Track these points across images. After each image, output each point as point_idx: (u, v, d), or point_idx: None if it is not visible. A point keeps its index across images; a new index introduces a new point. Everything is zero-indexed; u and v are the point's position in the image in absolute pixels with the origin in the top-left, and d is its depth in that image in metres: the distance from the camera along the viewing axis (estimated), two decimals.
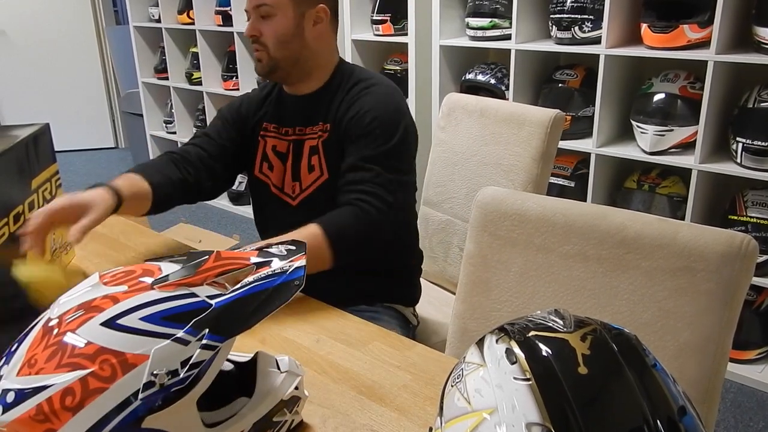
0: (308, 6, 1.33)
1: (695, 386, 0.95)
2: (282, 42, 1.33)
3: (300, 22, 1.33)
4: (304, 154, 1.39)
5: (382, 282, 1.48)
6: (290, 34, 1.33)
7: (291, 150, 1.41)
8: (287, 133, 1.43)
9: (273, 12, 1.32)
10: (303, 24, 1.34)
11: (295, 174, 1.41)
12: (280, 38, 1.33)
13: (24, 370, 0.66)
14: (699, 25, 2.10)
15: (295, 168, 1.41)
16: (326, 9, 1.36)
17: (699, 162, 2.16)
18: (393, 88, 1.41)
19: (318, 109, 1.39)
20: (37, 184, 1.23)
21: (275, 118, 1.45)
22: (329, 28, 1.39)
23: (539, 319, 0.60)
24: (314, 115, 1.39)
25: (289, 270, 0.75)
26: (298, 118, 1.41)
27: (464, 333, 1.19)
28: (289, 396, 0.83)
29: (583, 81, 2.46)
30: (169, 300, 0.69)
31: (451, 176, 1.74)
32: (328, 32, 1.39)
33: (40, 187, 1.24)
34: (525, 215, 1.10)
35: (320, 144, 1.37)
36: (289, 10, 1.32)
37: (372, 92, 1.35)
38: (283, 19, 1.32)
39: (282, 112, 1.45)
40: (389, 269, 1.49)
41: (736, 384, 2.24)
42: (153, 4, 4.13)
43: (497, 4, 2.52)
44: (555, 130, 1.55)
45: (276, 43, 1.34)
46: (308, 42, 1.35)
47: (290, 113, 1.43)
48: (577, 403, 0.51)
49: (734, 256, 0.92)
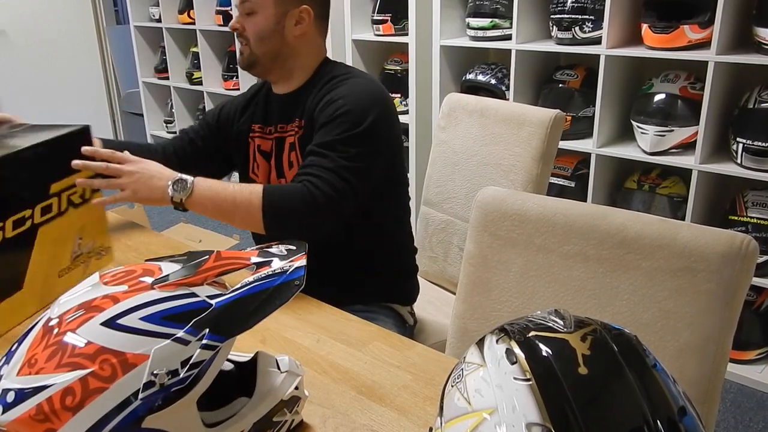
0: (291, 6, 1.36)
1: (695, 386, 0.95)
2: (261, 38, 1.37)
3: (281, 20, 1.36)
4: (285, 150, 1.42)
5: (378, 281, 1.48)
6: (270, 30, 1.37)
7: (274, 148, 1.45)
8: (270, 132, 1.46)
9: (255, 9, 1.36)
10: (284, 22, 1.37)
11: (279, 171, 1.44)
12: (260, 34, 1.37)
13: (24, 369, 0.66)
14: (699, 26, 2.10)
15: (278, 165, 1.44)
16: (309, 10, 1.38)
17: (699, 162, 2.16)
18: (371, 80, 1.41)
19: (296, 106, 1.41)
20: (58, 189, 1.21)
21: (261, 118, 1.49)
22: (313, 29, 1.41)
23: (539, 320, 0.60)
24: (292, 112, 1.42)
25: (289, 270, 0.75)
26: (279, 116, 1.45)
27: (464, 333, 1.19)
28: (289, 396, 0.83)
29: (583, 81, 2.46)
30: (169, 300, 0.70)
31: (452, 176, 1.74)
32: (311, 33, 1.41)
33: (63, 192, 1.22)
34: (525, 215, 1.10)
35: (297, 140, 1.40)
36: (271, 8, 1.36)
37: (346, 83, 1.36)
38: (263, 17, 1.36)
39: (267, 111, 1.48)
40: (384, 268, 1.49)
41: (736, 384, 2.24)
42: (153, 3, 4.13)
43: (498, 5, 2.52)
44: (555, 130, 1.55)
45: (256, 39, 1.38)
46: (288, 40, 1.38)
47: (273, 112, 1.47)
48: (578, 404, 0.51)
49: (734, 257, 0.92)
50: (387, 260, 1.50)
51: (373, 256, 1.47)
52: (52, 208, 1.19)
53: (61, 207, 1.22)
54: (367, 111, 1.32)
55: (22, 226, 1.13)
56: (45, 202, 1.18)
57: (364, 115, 1.31)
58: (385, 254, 1.48)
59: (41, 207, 1.17)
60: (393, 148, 1.42)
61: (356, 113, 1.30)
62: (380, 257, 1.48)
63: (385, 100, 1.38)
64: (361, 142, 1.30)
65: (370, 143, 1.32)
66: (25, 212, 1.14)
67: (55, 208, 1.20)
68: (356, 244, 1.42)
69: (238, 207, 1.25)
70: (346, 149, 1.28)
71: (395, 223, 1.50)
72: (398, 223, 1.51)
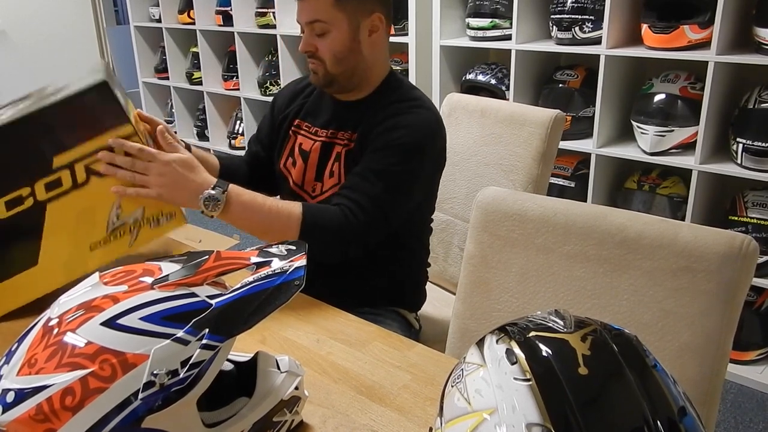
0: (363, 16, 1.28)
1: (695, 387, 0.95)
2: (339, 58, 1.29)
3: (356, 35, 1.28)
4: (331, 158, 1.37)
5: (388, 286, 1.47)
6: (347, 49, 1.29)
7: (319, 150, 1.39)
8: (317, 133, 1.40)
9: (328, 28, 1.27)
10: (359, 37, 1.29)
11: (318, 175, 1.39)
12: (338, 55, 1.29)
13: (24, 369, 0.66)
14: (699, 26, 2.10)
15: (319, 170, 1.39)
16: (381, 16, 1.30)
17: (699, 162, 2.16)
18: (435, 112, 1.35)
19: (354, 117, 1.35)
20: (68, 160, 1.09)
21: (310, 115, 1.43)
22: (384, 35, 1.34)
23: (539, 320, 0.60)
24: (348, 122, 1.36)
25: (289, 270, 0.75)
26: (333, 121, 1.39)
27: (464, 333, 1.19)
28: (289, 396, 0.83)
29: (583, 81, 2.46)
30: (169, 300, 0.69)
31: (452, 176, 1.74)
32: (383, 40, 1.34)
33: (78, 161, 1.10)
34: (525, 215, 1.10)
35: (344, 153, 1.35)
36: (344, 23, 1.26)
37: (414, 112, 1.31)
38: (338, 35, 1.27)
39: (318, 111, 1.42)
40: (396, 274, 1.48)
41: (736, 385, 2.24)
42: (153, 4, 4.12)
43: (498, 5, 2.52)
44: (555, 130, 1.55)
45: (333, 60, 1.29)
46: (365, 54, 1.31)
47: (325, 113, 1.41)
48: (578, 404, 0.51)
49: (735, 257, 0.92)
50: (402, 270, 1.48)
51: (388, 266, 1.44)
52: (62, 182, 1.09)
53: (77, 179, 1.10)
54: (423, 148, 1.29)
55: (20, 206, 1.08)
56: (48, 178, 1.08)
57: (421, 151, 1.29)
58: (400, 265, 1.47)
59: (44, 183, 1.09)
60: (434, 184, 1.41)
61: (415, 148, 1.28)
62: (395, 267, 1.46)
63: (443, 137, 1.36)
64: (408, 178, 1.28)
65: (416, 180, 1.31)
66: (22, 191, 1.08)
67: (66, 181, 1.10)
68: (376, 254, 1.38)
69: (273, 226, 1.21)
70: (392, 181, 1.26)
71: (417, 242, 1.50)
72: (419, 241, 1.51)
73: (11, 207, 1.09)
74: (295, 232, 1.21)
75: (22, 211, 1.10)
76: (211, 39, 3.82)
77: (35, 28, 4.88)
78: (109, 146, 1.11)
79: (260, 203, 1.21)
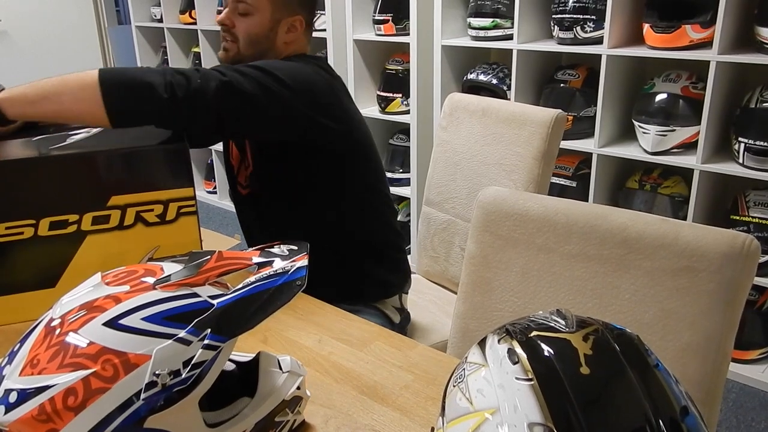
0: (286, 14, 1.36)
1: (697, 386, 0.95)
2: (252, 41, 1.36)
3: (275, 26, 1.36)
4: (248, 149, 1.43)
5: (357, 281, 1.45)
6: (263, 36, 1.36)
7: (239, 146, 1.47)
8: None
9: (251, 11, 1.34)
10: (277, 29, 1.36)
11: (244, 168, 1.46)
12: (252, 37, 1.35)
13: (26, 370, 0.66)
14: (701, 25, 2.10)
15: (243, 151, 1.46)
16: (302, 20, 1.38)
17: (701, 162, 2.16)
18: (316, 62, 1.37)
19: None
20: (122, 202, 1.12)
21: None
22: (303, 38, 1.42)
23: (541, 320, 0.60)
24: None
25: (290, 270, 0.76)
26: None
27: (466, 333, 1.19)
28: (291, 396, 0.83)
29: (584, 81, 2.45)
30: (171, 300, 0.70)
31: (453, 176, 1.74)
32: (299, 41, 1.41)
33: (130, 206, 1.13)
34: (526, 215, 1.10)
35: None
36: (267, 12, 1.34)
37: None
38: (259, 20, 1.34)
39: None
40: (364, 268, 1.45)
41: (738, 384, 2.23)
42: (155, 3, 4.13)
43: (499, 4, 2.52)
44: (557, 130, 1.55)
45: (246, 40, 1.36)
46: (277, 46, 1.38)
47: None
48: (579, 404, 0.51)
49: (736, 257, 0.92)
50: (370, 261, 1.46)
51: (349, 260, 1.43)
52: (110, 220, 1.13)
53: (125, 221, 1.14)
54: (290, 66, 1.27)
55: (62, 229, 1.11)
56: (99, 212, 1.12)
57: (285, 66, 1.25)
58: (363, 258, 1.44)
59: (93, 216, 1.12)
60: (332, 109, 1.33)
61: (276, 64, 1.26)
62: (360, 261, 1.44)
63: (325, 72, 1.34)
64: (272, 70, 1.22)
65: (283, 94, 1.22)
66: (70, 216, 1.10)
67: (114, 221, 1.13)
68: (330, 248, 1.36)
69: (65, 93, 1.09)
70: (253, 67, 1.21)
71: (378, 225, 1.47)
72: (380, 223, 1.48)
73: (54, 228, 1.11)
74: (94, 89, 1.07)
75: (63, 235, 1.11)
76: (213, 39, 3.82)
77: (36, 28, 4.89)
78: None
79: (41, 82, 1.11)
